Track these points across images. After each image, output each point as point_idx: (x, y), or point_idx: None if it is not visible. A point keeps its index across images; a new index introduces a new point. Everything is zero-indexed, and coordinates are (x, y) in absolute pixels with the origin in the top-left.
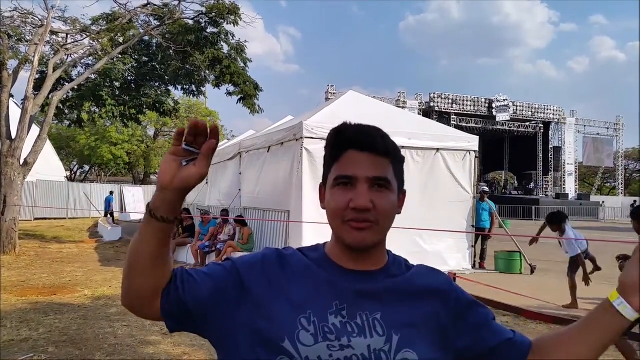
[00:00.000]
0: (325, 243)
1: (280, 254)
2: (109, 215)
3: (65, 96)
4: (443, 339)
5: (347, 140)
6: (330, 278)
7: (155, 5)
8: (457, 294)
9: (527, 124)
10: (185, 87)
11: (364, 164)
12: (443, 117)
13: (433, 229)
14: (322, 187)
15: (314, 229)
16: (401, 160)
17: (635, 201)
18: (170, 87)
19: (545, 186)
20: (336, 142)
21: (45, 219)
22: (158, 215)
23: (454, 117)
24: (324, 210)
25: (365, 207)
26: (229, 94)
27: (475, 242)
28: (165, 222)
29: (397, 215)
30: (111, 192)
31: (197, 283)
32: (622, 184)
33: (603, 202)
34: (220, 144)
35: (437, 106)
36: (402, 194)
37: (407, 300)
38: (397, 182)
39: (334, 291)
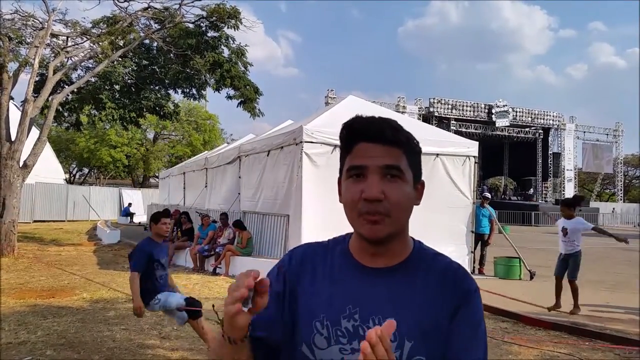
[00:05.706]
0: (352, 233)
1: (300, 257)
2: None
3: (65, 99)
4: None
5: (357, 132)
6: (347, 279)
7: (156, 8)
8: (471, 305)
9: (527, 129)
10: (185, 90)
11: (374, 153)
12: (442, 122)
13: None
14: (340, 182)
15: (314, 233)
16: (417, 151)
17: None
18: (171, 91)
19: (544, 192)
20: (347, 134)
21: (44, 221)
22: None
23: (453, 122)
24: (324, 215)
25: (376, 198)
26: (229, 97)
27: (475, 248)
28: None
29: None
30: (129, 204)
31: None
32: (621, 190)
33: (614, 208)
34: (219, 147)
35: (437, 111)
36: (419, 184)
37: (421, 301)
38: (412, 172)
39: (348, 294)
